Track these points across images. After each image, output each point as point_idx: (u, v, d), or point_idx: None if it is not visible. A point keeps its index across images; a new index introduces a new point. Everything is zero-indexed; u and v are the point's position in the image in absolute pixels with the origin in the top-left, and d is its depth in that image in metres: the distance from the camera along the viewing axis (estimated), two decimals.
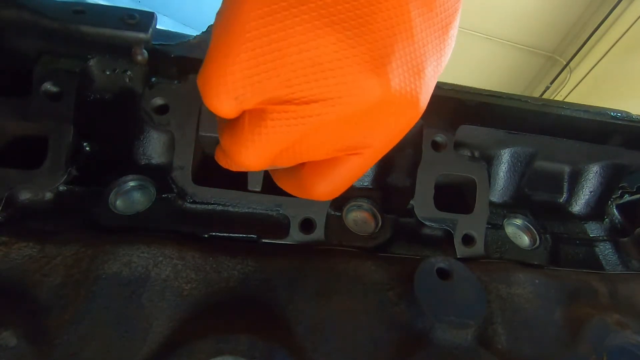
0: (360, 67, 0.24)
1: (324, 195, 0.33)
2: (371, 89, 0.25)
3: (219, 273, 0.41)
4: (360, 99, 0.25)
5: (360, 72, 0.24)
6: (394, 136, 0.29)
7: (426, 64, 0.26)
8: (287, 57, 0.24)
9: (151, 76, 0.46)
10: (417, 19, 0.25)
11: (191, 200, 0.46)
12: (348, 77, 0.24)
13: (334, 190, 0.33)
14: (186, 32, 0.54)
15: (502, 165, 0.59)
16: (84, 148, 0.48)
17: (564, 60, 2.96)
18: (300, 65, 0.24)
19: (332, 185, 0.33)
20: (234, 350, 0.35)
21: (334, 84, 0.25)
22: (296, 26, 0.23)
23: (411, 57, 0.25)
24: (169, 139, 0.48)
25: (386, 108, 0.26)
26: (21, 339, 0.33)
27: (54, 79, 0.42)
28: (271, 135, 0.27)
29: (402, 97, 0.26)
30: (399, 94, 0.25)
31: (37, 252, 0.38)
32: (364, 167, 0.32)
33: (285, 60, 0.24)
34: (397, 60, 0.25)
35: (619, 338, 0.44)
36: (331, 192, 0.33)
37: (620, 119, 0.58)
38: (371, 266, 0.46)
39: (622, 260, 0.59)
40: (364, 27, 0.24)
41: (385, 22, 0.24)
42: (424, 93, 0.27)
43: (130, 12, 0.44)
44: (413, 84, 0.26)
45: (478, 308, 0.41)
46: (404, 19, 0.24)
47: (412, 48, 0.25)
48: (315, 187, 0.32)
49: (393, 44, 0.24)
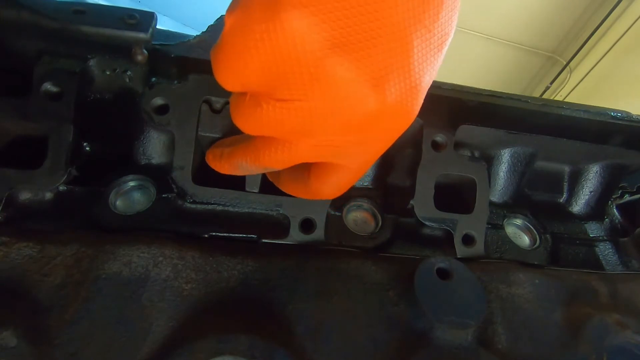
0: (363, 85, 0.27)
1: (329, 195, 0.37)
2: (369, 103, 0.28)
3: (219, 273, 0.41)
4: (360, 110, 0.28)
5: (362, 89, 0.27)
6: (388, 140, 0.33)
7: (422, 79, 0.29)
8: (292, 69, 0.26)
9: (151, 76, 0.46)
10: (416, 40, 0.28)
11: (191, 200, 0.46)
12: (352, 92, 0.27)
13: (339, 191, 0.37)
14: (186, 32, 0.54)
15: (502, 165, 0.59)
16: (84, 148, 0.48)
17: (564, 60, 2.96)
18: (307, 80, 0.27)
19: (336, 186, 0.36)
20: (234, 350, 0.35)
21: (339, 100, 0.28)
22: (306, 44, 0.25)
23: (408, 75, 0.28)
24: (169, 139, 0.48)
25: (383, 118, 0.29)
26: (21, 339, 0.33)
27: (54, 79, 0.42)
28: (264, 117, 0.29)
29: (396, 110, 0.29)
30: (394, 107, 0.29)
31: (37, 252, 0.38)
32: (364, 167, 0.35)
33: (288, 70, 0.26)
34: (393, 77, 0.28)
35: (619, 338, 0.44)
36: (336, 193, 0.37)
37: (620, 119, 0.58)
38: (371, 266, 0.46)
39: (622, 260, 0.59)
40: (368, 48, 0.26)
41: (386, 44, 0.27)
42: (417, 104, 0.31)
43: (130, 12, 0.44)
44: (408, 97, 0.29)
45: (478, 308, 0.41)
46: (403, 42, 0.27)
47: (409, 67, 0.28)
48: (322, 188, 0.36)
49: (392, 64, 0.27)
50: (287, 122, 0.29)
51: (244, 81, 0.28)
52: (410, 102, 0.30)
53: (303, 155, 0.32)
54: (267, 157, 0.33)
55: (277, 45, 0.25)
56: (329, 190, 0.37)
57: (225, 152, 0.38)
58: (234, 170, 0.38)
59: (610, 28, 2.64)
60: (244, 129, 0.31)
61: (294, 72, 0.26)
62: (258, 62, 0.26)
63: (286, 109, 0.28)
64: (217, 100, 0.48)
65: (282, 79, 0.27)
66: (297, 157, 0.32)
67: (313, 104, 0.28)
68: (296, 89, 0.27)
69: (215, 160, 0.39)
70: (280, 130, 0.30)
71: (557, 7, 2.73)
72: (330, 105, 0.28)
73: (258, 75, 0.27)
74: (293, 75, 0.27)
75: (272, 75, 0.27)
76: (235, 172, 0.38)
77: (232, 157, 0.37)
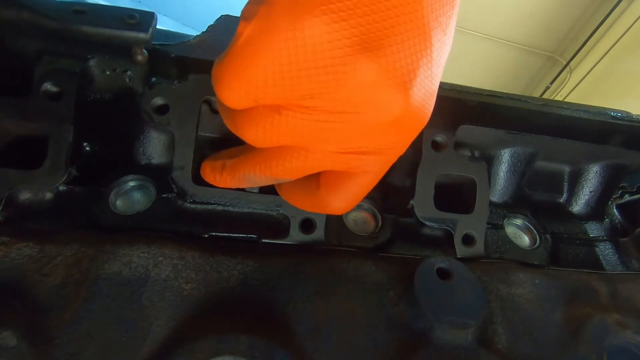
0: (390, 88, 0.26)
1: (339, 209, 0.35)
2: (395, 105, 0.27)
3: (219, 273, 0.41)
4: (386, 112, 0.27)
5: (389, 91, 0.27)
6: (405, 146, 0.32)
7: (438, 81, 0.29)
8: (314, 77, 0.25)
9: (151, 76, 0.46)
10: (436, 43, 0.27)
11: (191, 200, 0.46)
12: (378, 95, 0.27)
13: (350, 204, 0.35)
14: (186, 32, 0.54)
15: (502, 165, 0.59)
16: (84, 148, 0.48)
17: (564, 60, 2.96)
18: (329, 85, 0.26)
19: (347, 199, 0.34)
20: (234, 350, 0.35)
21: (361, 102, 0.27)
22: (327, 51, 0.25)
23: (430, 77, 0.28)
24: (169, 139, 0.48)
25: (405, 121, 0.29)
26: (21, 339, 0.33)
27: (54, 79, 0.42)
28: (283, 126, 0.28)
29: (418, 113, 0.29)
30: (416, 110, 0.28)
31: (37, 252, 0.38)
32: (378, 176, 0.34)
33: (312, 79, 0.25)
34: (420, 81, 0.27)
35: (619, 338, 0.44)
36: (347, 206, 0.35)
37: (620, 119, 0.58)
38: (371, 266, 0.46)
39: (622, 260, 0.59)
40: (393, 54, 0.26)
41: (411, 47, 0.26)
42: (432, 106, 0.30)
43: (130, 12, 0.44)
44: (428, 100, 0.29)
45: (478, 308, 0.41)
46: (427, 44, 0.27)
47: (431, 70, 0.28)
48: (332, 200, 0.34)
49: (417, 67, 0.27)
50: (308, 129, 0.28)
51: (260, 93, 0.26)
52: (429, 105, 0.29)
53: (320, 163, 0.31)
54: (280, 167, 0.31)
55: (303, 51, 0.25)
56: (339, 204, 0.34)
57: (228, 164, 0.36)
58: (239, 182, 0.36)
59: (610, 28, 2.64)
60: (257, 140, 0.30)
61: (319, 78, 0.25)
62: (280, 71, 0.25)
63: (308, 115, 0.27)
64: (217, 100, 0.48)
65: (305, 85, 0.26)
66: (314, 165, 0.31)
67: (338, 108, 0.27)
68: (320, 94, 0.26)
69: (215, 173, 0.37)
70: (299, 138, 0.29)
71: (557, 7, 2.73)
72: (355, 109, 0.27)
73: (277, 84, 0.26)
74: (318, 81, 0.25)
75: (293, 83, 0.26)
76: (240, 185, 0.36)
77: (238, 169, 0.35)
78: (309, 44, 0.24)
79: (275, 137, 0.29)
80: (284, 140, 0.29)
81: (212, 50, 0.47)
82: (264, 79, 0.26)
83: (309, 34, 0.24)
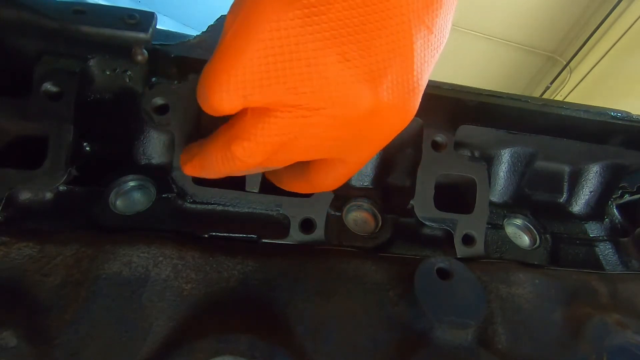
0: (359, 83, 0.27)
1: (328, 188, 0.38)
2: (365, 99, 0.28)
3: (219, 273, 0.41)
4: (356, 106, 0.28)
5: (358, 86, 0.27)
6: (386, 137, 0.33)
7: (422, 79, 0.30)
8: (297, 68, 0.26)
9: (151, 76, 0.46)
10: (418, 41, 0.28)
11: (191, 200, 0.46)
12: (348, 90, 0.27)
13: (337, 184, 0.38)
14: (186, 32, 0.54)
15: (502, 165, 0.59)
16: (84, 148, 0.48)
17: (564, 60, 2.96)
18: (307, 77, 0.27)
19: (335, 180, 0.37)
20: (234, 350, 0.35)
21: (336, 96, 0.27)
22: (308, 42, 0.26)
23: (406, 75, 0.29)
24: (169, 139, 0.48)
25: (380, 115, 0.30)
26: (21, 339, 0.33)
27: (54, 79, 0.42)
28: (274, 130, 0.29)
29: (394, 108, 0.30)
30: (390, 105, 0.29)
31: (37, 252, 0.38)
32: (363, 161, 0.36)
33: (294, 70, 0.26)
34: (392, 76, 0.28)
35: (619, 338, 0.44)
36: (334, 186, 0.38)
37: (620, 119, 0.58)
38: (371, 266, 0.46)
39: (622, 260, 0.59)
40: (368, 48, 0.26)
41: (387, 44, 0.27)
42: (416, 103, 0.31)
43: (130, 12, 0.44)
44: (407, 96, 0.29)
45: (478, 308, 0.41)
46: (406, 42, 0.27)
47: (410, 68, 0.28)
48: (323, 181, 0.37)
49: (392, 64, 0.28)
50: (297, 127, 0.29)
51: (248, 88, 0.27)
52: (408, 101, 0.30)
53: (302, 153, 0.32)
54: None
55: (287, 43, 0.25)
56: (330, 183, 0.37)
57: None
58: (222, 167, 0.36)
59: (610, 28, 2.64)
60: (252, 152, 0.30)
61: (301, 70, 0.26)
62: (266, 62, 0.26)
63: (294, 113, 0.28)
64: None
65: (289, 78, 0.27)
66: (297, 156, 0.32)
67: (320, 104, 0.28)
68: (303, 88, 0.27)
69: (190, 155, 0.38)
70: (288, 135, 0.29)
71: (557, 7, 2.73)
72: (329, 104, 0.28)
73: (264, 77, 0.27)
74: (300, 73, 0.26)
75: (278, 75, 0.27)
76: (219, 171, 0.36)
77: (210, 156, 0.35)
78: (292, 36, 0.25)
79: (269, 142, 0.30)
80: (276, 140, 0.30)
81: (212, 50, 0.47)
82: (251, 71, 0.26)
83: (291, 25, 0.25)
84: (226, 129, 0.32)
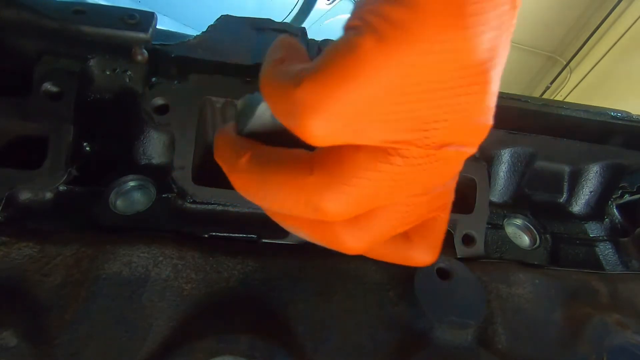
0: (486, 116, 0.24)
1: (432, 260, 0.31)
2: (482, 136, 0.25)
3: (219, 273, 0.41)
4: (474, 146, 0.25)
5: (485, 121, 0.24)
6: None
7: None
8: (443, 99, 0.21)
9: (151, 76, 0.46)
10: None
11: (191, 200, 0.46)
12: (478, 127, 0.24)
13: (439, 250, 0.31)
14: (186, 32, 0.54)
15: (502, 165, 0.59)
16: (84, 148, 0.48)
17: (564, 60, 2.96)
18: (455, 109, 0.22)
19: (437, 246, 0.31)
20: (234, 350, 0.35)
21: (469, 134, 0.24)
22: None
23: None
24: (169, 139, 0.48)
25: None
26: (21, 339, 0.33)
27: (54, 79, 0.42)
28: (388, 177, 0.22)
29: None
30: None
31: (37, 252, 0.38)
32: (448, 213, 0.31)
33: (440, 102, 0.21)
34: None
35: (619, 338, 0.44)
36: (437, 255, 0.31)
37: (620, 119, 0.58)
38: (371, 266, 0.46)
39: (622, 260, 0.59)
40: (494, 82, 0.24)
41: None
42: None
43: (130, 12, 0.44)
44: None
45: (478, 308, 0.41)
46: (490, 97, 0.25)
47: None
48: (424, 252, 0.30)
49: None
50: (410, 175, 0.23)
51: (366, 122, 0.20)
52: None
53: (423, 212, 0.27)
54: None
55: (437, 67, 0.20)
56: (433, 255, 0.30)
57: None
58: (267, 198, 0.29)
59: (610, 28, 2.64)
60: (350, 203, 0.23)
61: (448, 101, 0.21)
62: (403, 92, 0.20)
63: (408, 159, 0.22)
64: (217, 100, 0.48)
65: (425, 112, 0.21)
66: (411, 221, 0.27)
67: (448, 139, 0.23)
68: (444, 121, 0.22)
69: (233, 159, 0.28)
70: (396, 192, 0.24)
71: (557, 7, 2.73)
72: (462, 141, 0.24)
73: (396, 111, 0.20)
74: (441, 105, 0.21)
75: (413, 108, 0.21)
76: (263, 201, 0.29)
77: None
78: (449, 59, 0.20)
79: (374, 197, 0.23)
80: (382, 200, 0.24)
81: (212, 50, 0.47)
82: (381, 102, 0.20)
83: (452, 47, 0.20)
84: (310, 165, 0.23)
